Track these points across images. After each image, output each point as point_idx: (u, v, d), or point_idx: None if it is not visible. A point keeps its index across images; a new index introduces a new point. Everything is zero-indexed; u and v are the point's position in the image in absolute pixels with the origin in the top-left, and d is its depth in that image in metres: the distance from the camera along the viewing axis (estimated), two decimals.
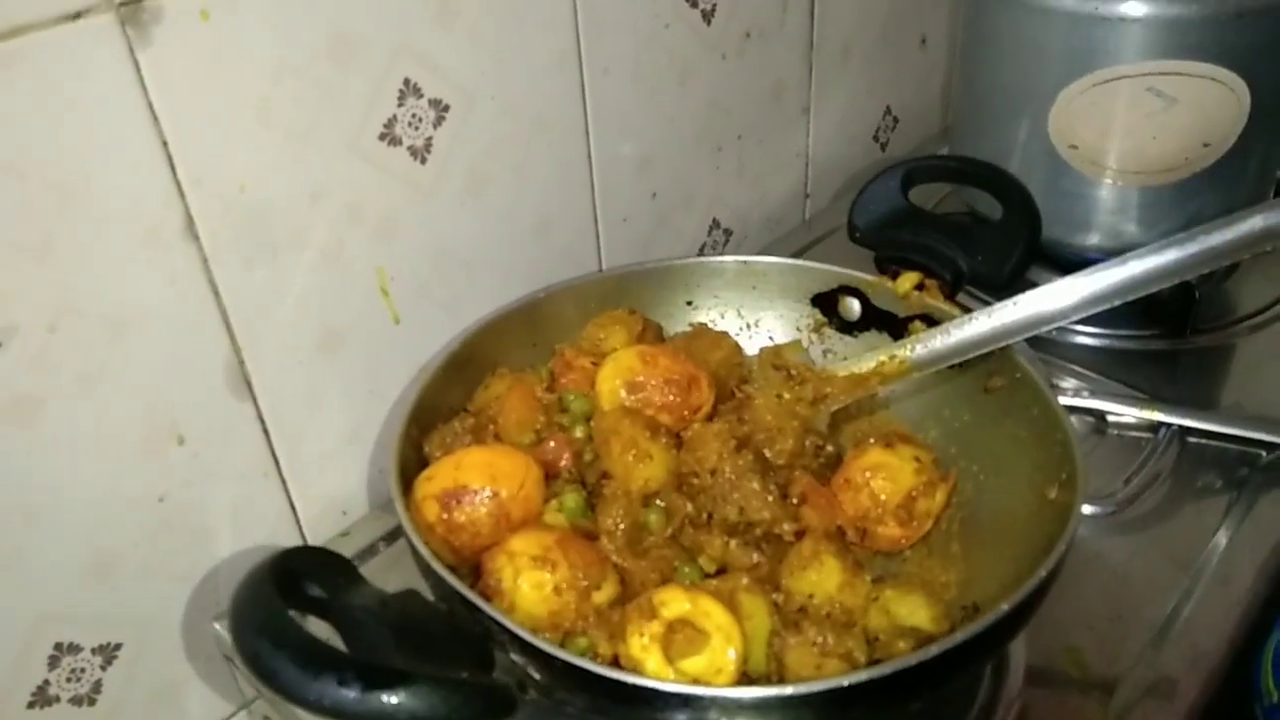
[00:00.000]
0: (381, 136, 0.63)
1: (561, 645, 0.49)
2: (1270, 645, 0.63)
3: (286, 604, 0.40)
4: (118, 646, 0.61)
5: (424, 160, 0.66)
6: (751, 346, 0.73)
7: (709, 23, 0.82)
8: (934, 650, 0.44)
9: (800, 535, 0.58)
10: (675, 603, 0.50)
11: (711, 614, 0.50)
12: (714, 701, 0.43)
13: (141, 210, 0.54)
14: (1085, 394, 0.77)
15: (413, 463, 0.59)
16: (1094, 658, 0.59)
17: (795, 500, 0.60)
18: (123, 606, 0.61)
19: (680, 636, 0.48)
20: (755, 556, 0.57)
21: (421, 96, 0.64)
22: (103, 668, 0.61)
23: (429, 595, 0.49)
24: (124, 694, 0.63)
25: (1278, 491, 0.70)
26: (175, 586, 0.64)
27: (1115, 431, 0.76)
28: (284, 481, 0.67)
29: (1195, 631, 0.61)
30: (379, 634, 0.38)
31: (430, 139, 0.66)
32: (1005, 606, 0.46)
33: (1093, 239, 0.85)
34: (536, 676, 0.45)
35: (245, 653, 0.38)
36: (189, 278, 0.57)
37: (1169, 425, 0.74)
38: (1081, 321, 0.86)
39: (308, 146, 0.60)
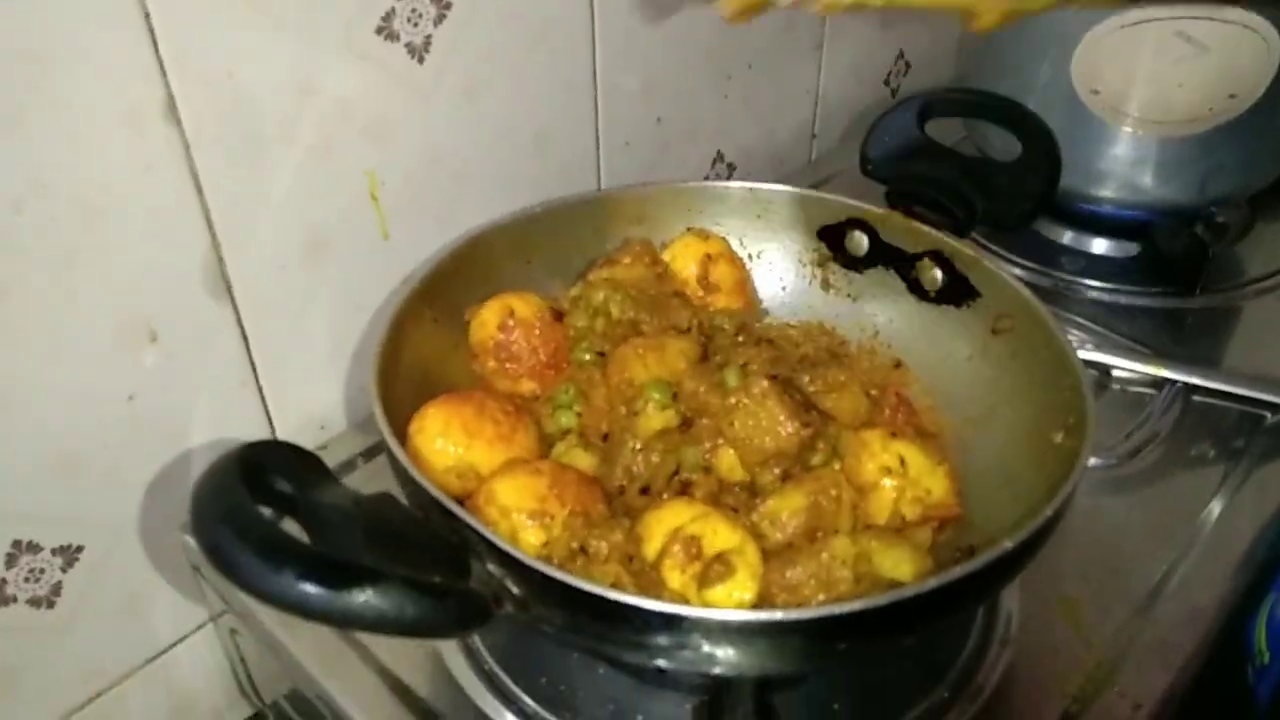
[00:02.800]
0: (379, 30, 0.60)
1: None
2: (1265, 607, 0.62)
3: (252, 497, 0.38)
4: (79, 549, 0.59)
5: (422, 59, 0.63)
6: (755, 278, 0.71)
7: None
8: (931, 584, 0.42)
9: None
10: (721, 538, 0.48)
11: (746, 552, 0.48)
12: (698, 623, 0.41)
13: (120, 86, 0.51)
14: (1090, 347, 0.75)
15: (393, 376, 0.57)
16: (1088, 609, 0.58)
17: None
18: (86, 509, 0.59)
19: (715, 567, 0.47)
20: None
21: None
22: (63, 569, 0.59)
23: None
24: (85, 599, 0.61)
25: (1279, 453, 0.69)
26: (143, 492, 0.62)
27: (1118, 386, 0.74)
28: (261, 390, 0.65)
29: (1191, 589, 0.60)
30: (349, 533, 0.36)
31: (430, 37, 0.63)
32: (1008, 544, 0.44)
33: (1106, 190, 0.82)
34: (514, 590, 0.43)
35: (206, 543, 0.35)
36: (169, 164, 0.54)
37: (1173, 382, 0.73)
38: (1089, 275, 0.85)
39: (300, 34, 0.57)
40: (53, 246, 0.51)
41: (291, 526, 0.41)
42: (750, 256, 0.71)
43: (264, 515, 0.36)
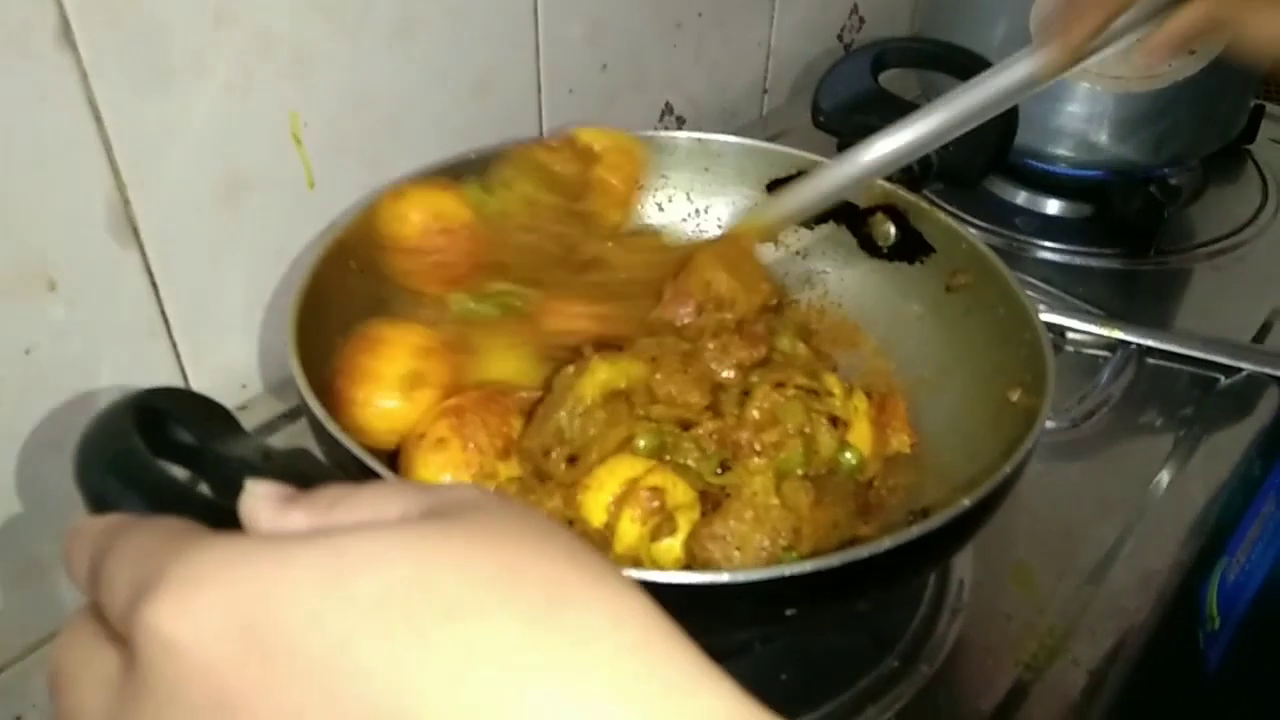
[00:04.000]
0: None
1: None
2: (1216, 572, 0.61)
3: (151, 449, 0.34)
4: None
5: None
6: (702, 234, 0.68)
7: None
8: (886, 544, 0.40)
9: None
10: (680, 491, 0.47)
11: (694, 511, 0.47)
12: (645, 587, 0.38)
13: (5, 3, 0.46)
14: (1044, 308, 0.74)
15: (314, 330, 0.53)
16: (1041, 573, 0.57)
17: None
18: None
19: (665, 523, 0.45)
20: None
21: None
22: None
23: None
24: None
25: (1233, 416, 0.68)
26: (46, 453, 0.57)
27: (1072, 349, 0.73)
28: (174, 344, 0.60)
29: (1143, 554, 0.59)
30: None
31: None
32: (966, 502, 0.42)
33: (1062, 148, 0.80)
34: None
35: (90, 492, 0.31)
36: (63, 94, 0.50)
37: (1128, 344, 0.71)
38: (1043, 236, 0.83)
39: None
40: None
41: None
42: (698, 210, 0.68)
43: (158, 464, 0.33)
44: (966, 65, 0.66)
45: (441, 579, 0.22)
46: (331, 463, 0.44)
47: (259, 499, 0.26)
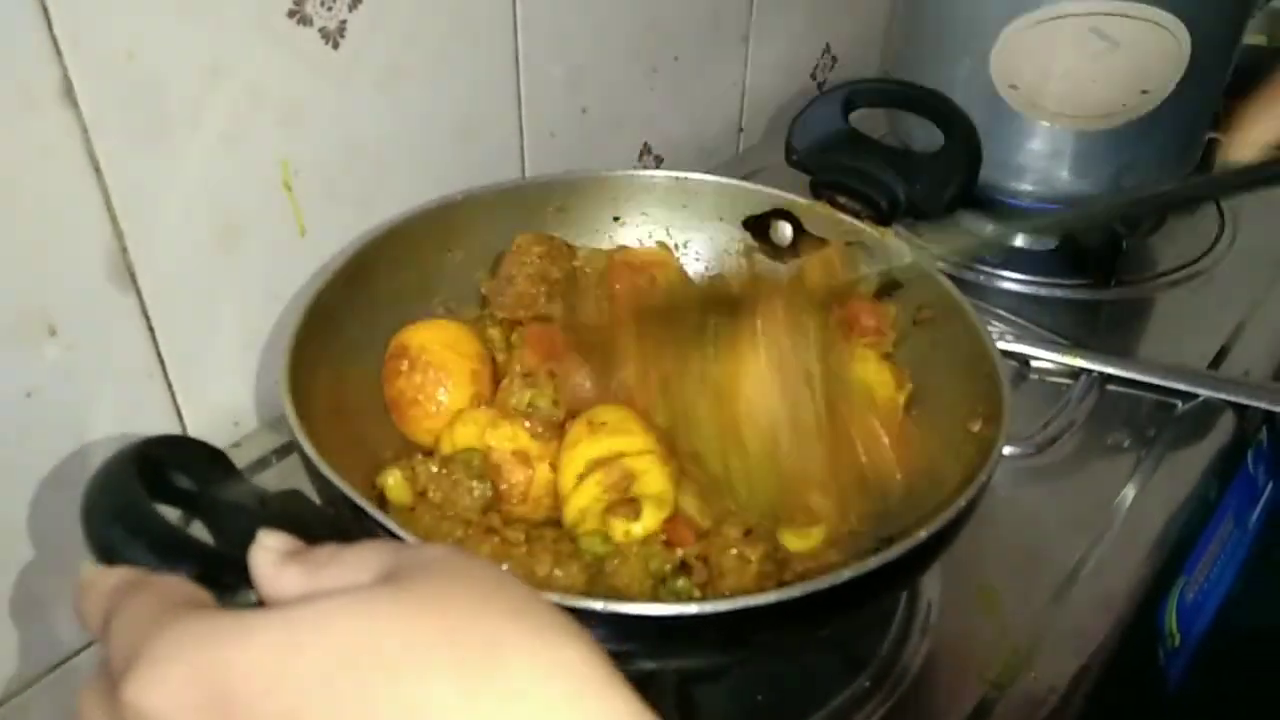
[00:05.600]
0: (291, 14, 0.58)
1: None
2: (1175, 590, 0.63)
3: (150, 494, 0.36)
4: None
5: (336, 45, 0.61)
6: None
7: None
8: (846, 575, 0.42)
9: None
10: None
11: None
12: (613, 617, 0.40)
13: (11, 65, 0.48)
14: (1009, 338, 0.76)
15: (307, 370, 0.55)
16: (1006, 596, 0.59)
17: None
18: None
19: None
20: None
21: None
22: None
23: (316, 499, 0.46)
24: None
25: (1191, 441, 0.70)
26: (46, 493, 0.59)
27: (1036, 377, 0.75)
28: (170, 384, 0.62)
29: (1105, 574, 0.61)
30: (254, 532, 0.35)
31: (344, 22, 0.61)
32: (923, 534, 0.44)
33: (1025, 184, 0.83)
34: None
35: (96, 542, 0.34)
36: (66, 148, 0.52)
37: (1089, 371, 0.74)
38: (1008, 268, 0.86)
39: (207, 16, 0.55)
40: None
41: (200, 530, 0.40)
42: (676, 246, 0.71)
43: (159, 513, 0.35)
44: (931, 104, 0.69)
45: (385, 644, 0.25)
46: (322, 499, 0.46)
47: (265, 551, 0.29)
